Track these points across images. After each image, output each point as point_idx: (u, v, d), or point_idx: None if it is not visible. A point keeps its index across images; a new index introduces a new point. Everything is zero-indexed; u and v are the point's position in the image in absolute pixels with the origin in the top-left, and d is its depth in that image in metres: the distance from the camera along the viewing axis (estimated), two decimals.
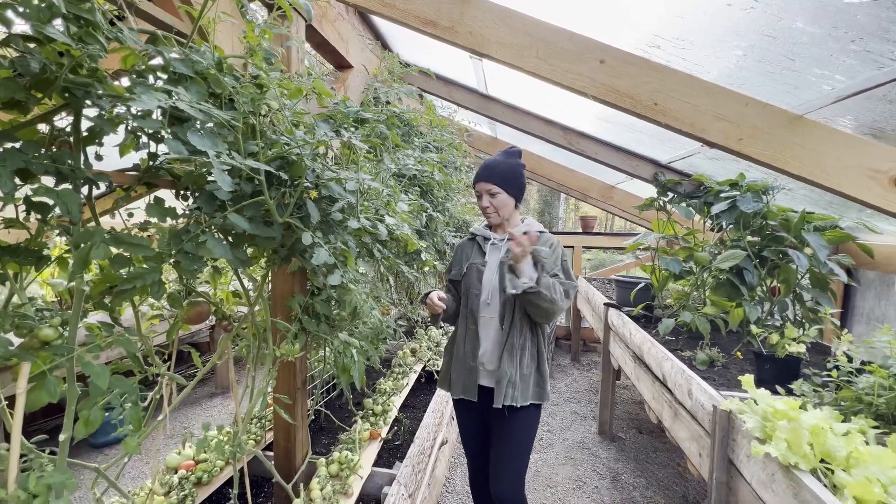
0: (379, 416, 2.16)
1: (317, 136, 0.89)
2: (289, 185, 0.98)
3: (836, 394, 1.34)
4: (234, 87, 0.85)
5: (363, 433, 1.95)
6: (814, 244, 1.87)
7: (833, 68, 1.17)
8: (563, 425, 3.38)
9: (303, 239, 0.91)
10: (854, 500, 0.92)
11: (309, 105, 1.38)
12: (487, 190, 1.67)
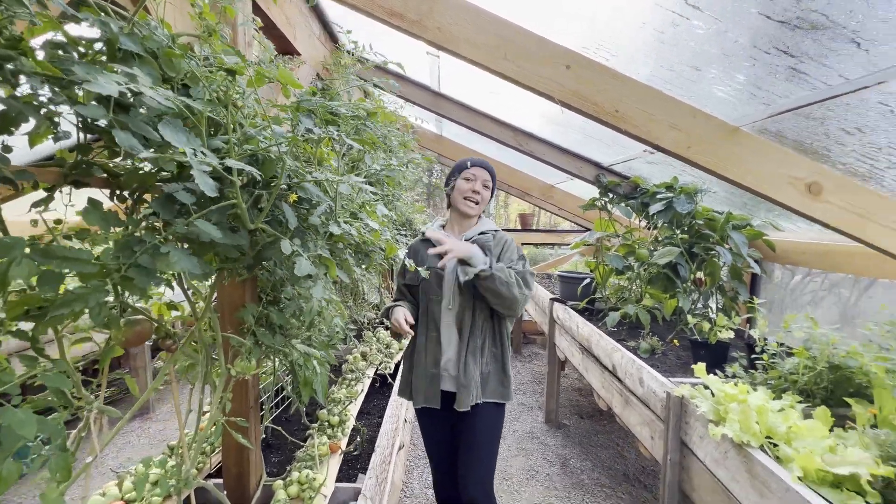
0: (336, 427, 2.05)
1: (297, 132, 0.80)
2: (261, 186, 0.87)
3: (766, 374, 1.52)
4: (197, 72, 0.72)
5: (322, 447, 1.83)
6: (737, 241, 2.11)
7: (768, 88, 1.32)
8: (511, 417, 3.49)
9: (282, 247, 0.80)
10: (801, 470, 1.04)
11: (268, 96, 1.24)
12: (485, 180, 1.68)
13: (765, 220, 2.35)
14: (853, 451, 1.06)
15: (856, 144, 1.32)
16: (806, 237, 2.28)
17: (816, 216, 1.51)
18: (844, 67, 1.06)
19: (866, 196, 1.49)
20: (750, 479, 1.16)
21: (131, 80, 0.57)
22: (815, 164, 1.48)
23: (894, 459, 1.02)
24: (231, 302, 1.39)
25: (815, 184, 1.49)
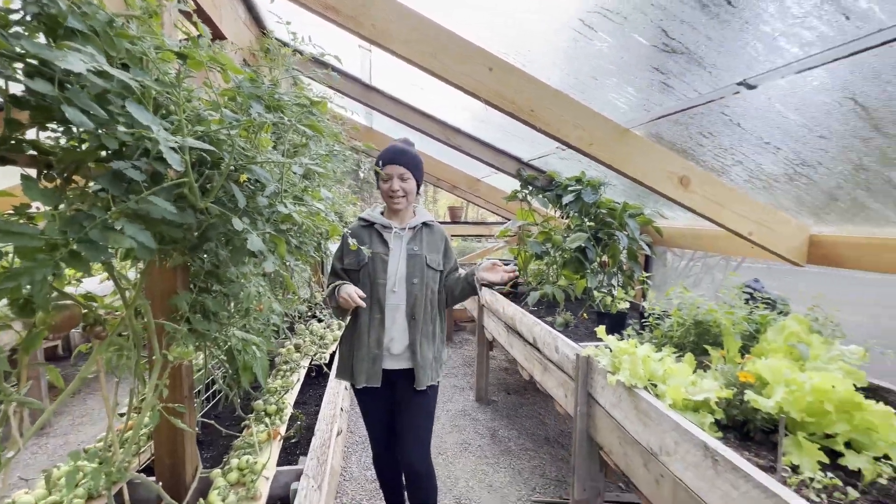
0: (274, 415, 2.05)
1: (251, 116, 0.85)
2: (209, 167, 0.91)
3: (651, 333, 1.85)
4: (147, 54, 0.76)
5: (261, 435, 1.84)
6: (632, 227, 2.48)
7: (648, 97, 1.61)
8: (445, 398, 3.68)
9: (234, 224, 0.86)
10: (671, 400, 1.32)
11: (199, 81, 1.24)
12: (400, 174, 1.69)
13: (654, 210, 2.78)
14: (707, 383, 1.37)
15: (710, 146, 1.67)
16: (684, 224, 2.74)
17: (686, 204, 1.87)
18: (697, 84, 1.36)
19: (721, 188, 1.87)
20: (637, 414, 1.43)
21: (92, 60, 0.60)
22: (684, 161, 1.83)
23: (733, 385, 1.35)
24: (162, 290, 1.36)
25: (685, 177, 1.83)
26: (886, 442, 1.13)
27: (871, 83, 1.08)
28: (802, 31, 0.99)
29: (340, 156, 3.10)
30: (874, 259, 1.70)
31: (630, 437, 1.47)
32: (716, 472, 1.09)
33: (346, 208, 3.58)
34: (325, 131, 1.32)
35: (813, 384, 1.19)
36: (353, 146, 3.72)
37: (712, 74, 1.29)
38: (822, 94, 1.17)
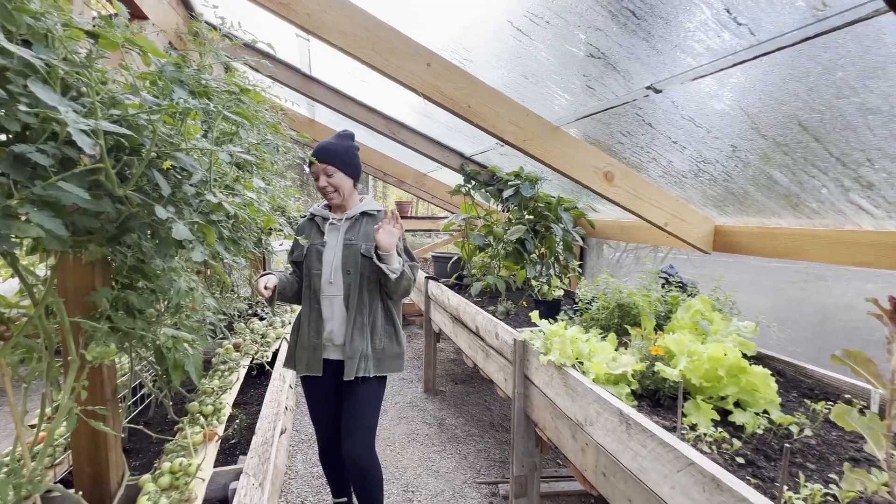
0: (211, 416, 1.97)
1: (174, 101, 0.82)
2: (127, 153, 0.87)
3: (581, 317, 2.01)
4: (54, 31, 0.72)
5: (196, 436, 1.77)
6: (566, 220, 2.64)
7: (574, 97, 1.73)
8: (393, 391, 3.71)
9: (157, 213, 0.83)
10: (594, 374, 1.46)
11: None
12: (323, 169, 1.72)
13: (586, 204, 2.97)
14: (625, 359, 1.52)
15: (629, 144, 1.84)
16: (613, 217, 2.96)
17: (611, 197, 2.03)
18: (614, 87, 1.50)
19: (640, 183, 2.05)
20: (566, 390, 1.56)
21: None
22: (608, 158, 1.99)
23: (646, 359, 1.50)
24: (78, 286, 1.27)
25: (609, 172, 2.00)
26: (766, 399, 1.32)
27: (751, 91, 1.25)
28: (693, 43, 1.14)
29: (281, 147, 3.01)
30: (764, 246, 1.96)
31: (560, 412, 1.60)
32: (629, 434, 1.22)
33: (289, 202, 3.48)
34: (256, 119, 1.29)
35: (709, 354, 1.36)
36: (295, 138, 3.62)
37: (625, 79, 1.42)
38: (713, 100, 1.34)
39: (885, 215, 1.48)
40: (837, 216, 1.62)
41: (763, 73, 1.14)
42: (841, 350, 0.88)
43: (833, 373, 1.52)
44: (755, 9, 0.97)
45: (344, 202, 1.79)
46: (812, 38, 0.95)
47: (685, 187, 1.99)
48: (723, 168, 1.68)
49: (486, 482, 2.50)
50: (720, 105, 1.35)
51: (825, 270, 1.78)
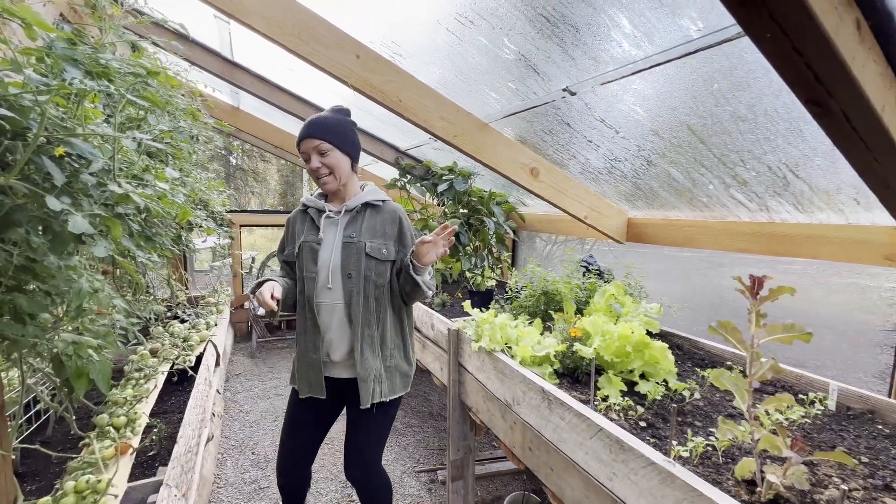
0: (124, 427, 1.81)
1: (65, 81, 0.75)
2: (9, 137, 0.78)
3: (511, 305, 2.12)
4: None
5: (106, 451, 1.62)
6: (498, 213, 2.76)
7: (501, 95, 1.82)
8: None
9: (49, 204, 0.76)
10: (521, 357, 1.56)
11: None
12: (315, 147, 1.39)
13: (517, 198, 3.12)
14: (548, 341, 1.64)
15: (552, 142, 1.97)
16: (541, 211, 3.14)
17: (536, 192, 2.16)
18: (535, 88, 1.60)
19: (562, 178, 2.21)
20: (496, 374, 1.65)
21: None
22: (533, 154, 2.11)
23: (567, 340, 1.64)
24: None
25: (535, 168, 2.12)
26: (665, 370, 1.51)
27: (649, 97, 1.41)
28: (600, 51, 1.26)
29: (200, 136, 2.80)
30: (666, 236, 2.20)
31: (491, 395, 1.69)
32: (550, 409, 1.33)
33: (212, 195, 3.26)
34: (168, 105, 1.21)
35: (618, 332, 1.52)
36: (218, 127, 3.38)
37: (545, 81, 1.53)
38: (619, 104, 1.49)
39: (758, 208, 1.73)
40: (723, 209, 1.87)
41: (658, 82, 1.30)
42: (716, 321, 1.04)
43: (721, 345, 1.76)
44: (649, 25, 1.10)
45: (341, 188, 1.49)
46: (693, 53, 1.10)
47: (601, 183, 2.17)
48: (631, 166, 1.87)
49: (425, 470, 2.56)
50: (625, 108, 1.50)
51: (723, 258, 2.04)
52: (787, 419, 1.25)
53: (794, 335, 0.94)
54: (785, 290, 0.92)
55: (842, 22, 0.77)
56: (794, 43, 0.79)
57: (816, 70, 0.83)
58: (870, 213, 1.45)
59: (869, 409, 1.30)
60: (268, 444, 2.82)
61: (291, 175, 17.90)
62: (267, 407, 3.33)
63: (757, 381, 1.00)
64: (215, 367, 3.16)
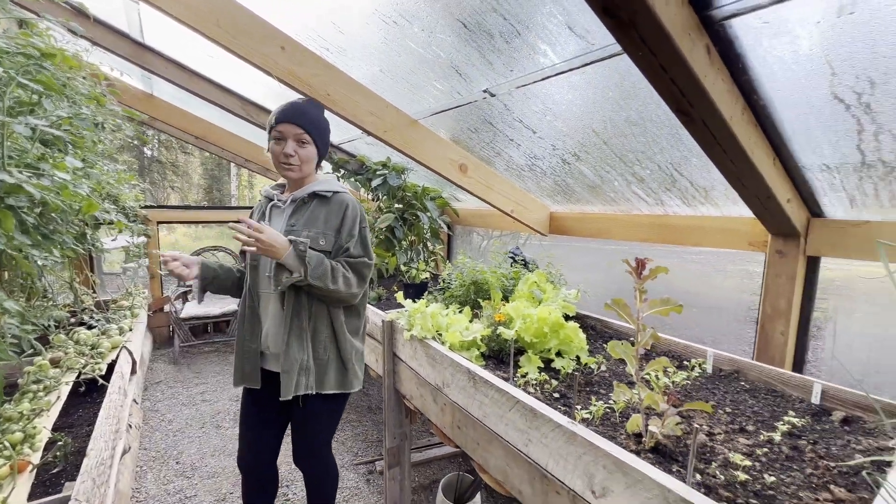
0: (21, 443, 1.64)
1: None
2: None
3: (443, 295, 2.21)
4: None
5: (0, 469, 1.47)
6: (431, 208, 2.84)
7: (428, 94, 1.89)
8: None
9: None
10: (450, 342, 1.65)
11: None
12: (297, 135, 1.39)
13: (450, 194, 3.22)
14: (476, 326, 1.75)
15: (478, 140, 2.08)
16: (473, 206, 3.27)
17: (466, 187, 2.27)
18: (459, 89, 1.69)
19: (490, 174, 2.33)
20: (428, 360, 1.72)
21: None
22: (462, 151, 2.22)
23: (492, 325, 1.76)
24: None
25: (464, 164, 2.22)
26: (578, 347, 1.68)
27: (557, 101, 1.56)
28: (511, 57, 1.37)
29: (108, 124, 2.57)
30: (583, 228, 2.42)
31: (423, 380, 1.76)
32: (475, 388, 1.43)
33: (122, 189, 3.00)
34: (66, 89, 1.13)
35: (537, 315, 1.67)
36: (129, 115, 3.10)
37: (467, 82, 1.63)
38: (533, 105, 1.63)
39: (654, 202, 1.97)
40: (627, 203, 2.10)
41: (564, 88, 1.44)
42: (611, 300, 1.19)
43: (628, 324, 1.99)
44: (551, 37, 1.23)
45: (301, 180, 1.51)
46: (589, 65, 1.25)
47: (525, 179, 2.33)
48: (549, 164, 2.04)
49: (364, 462, 2.59)
50: (539, 111, 1.64)
51: (643, 251, 2.27)
52: (673, 381, 1.46)
53: (669, 308, 1.12)
54: (660, 269, 1.09)
55: (695, 46, 0.93)
56: (660, 61, 0.94)
57: (679, 85, 1.00)
58: (738, 206, 1.72)
59: (736, 370, 1.56)
60: (194, 452, 2.68)
61: (217, 169, 16.61)
62: (192, 414, 3.14)
63: (643, 349, 1.17)
64: (131, 376, 2.92)
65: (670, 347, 1.73)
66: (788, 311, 1.61)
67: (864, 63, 0.95)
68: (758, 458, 1.06)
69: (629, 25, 0.87)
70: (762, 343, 1.68)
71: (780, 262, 1.62)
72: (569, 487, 1.09)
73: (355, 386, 1.59)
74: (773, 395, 1.40)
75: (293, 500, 2.29)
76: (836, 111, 1.08)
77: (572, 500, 1.08)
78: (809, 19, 0.89)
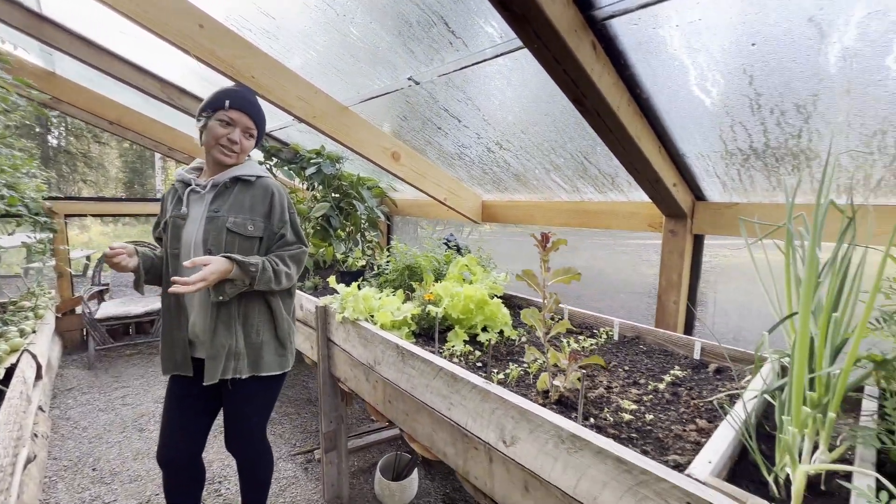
0: None
1: None
2: None
3: (378, 280, 2.26)
4: None
5: None
6: (368, 197, 2.86)
7: (356, 81, 1.92)
8: None
9: None
10: (381, 322, 1.71)
11: None
12: (247, 128, 1.43)
13: (388, 183, 3.26)
14: (407, 306, 1.82)
15: (408, 127, 2.15)
16: (411, 196, 3.33)
17: (399, 175, 2.32)
18: (386, 77, 1.75)
19: (423, 163, 2.41)
20: (360, 340, 1.77)
21: None
22: (394, 139, 2.27)
23: (422, 305, 1.84)
24: None
25: (396, 152, 2.28)
26: (502, 322, 1.80)
27: (477, 89, 1.67)
28: (428, 46, 1.45)
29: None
30: (512, 215, 2.57)
31: (357, 361, 1.81)
32: (404, 362, 1.51)
33: (20, 177, 2.71)
34: None
35: (465, 293, 1.77)
36: (26, 94, 2.80)
37: (394, 69, 1.68)
38: (456, 94, 1.73)
39: (571, 189, 2.16)
40: (548, 191, 2.27)
41: (481, 78, 1.55)
42: (521, 270, 1.31)
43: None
44: (464, 27, 1.32)
45: (223, 165, 1.48)
46: (500, 56, 1.36)
47: (456, 168, 2.43)
48: (476, 152, 2.15)
49: (302, 452, 2.58)
50: (462, 99, 1.74)
51: (565, 234, 2.42)
52: (582, 347, 1.63)
53: (570, 276, 1.26)
54: (560, 241, 1.23)
55: (581, 42, 1.06)
56: (553, 54, 1.06)
57: (572, 76, 1.13)
58: (639, 192, 1.93)
59: (637, 335, 1.76)
60: (113, 458, 2.51)
61: (139, 161, 15.25)
62: (111, 419, 2.92)
63: (549, 313, 1.30)
64: (36, 381, 2.67)
65: (584, 319, 1.92)
66: (679, 284, 1.85)
67: (716, 61, 1.13)
68: (644, 404, 1.23)
69: (523, 20, 0.97)
70: (660, 312, 1.91)
71: (673, 241, 1.85)
72: (484, 441, 1.19)
73: (290, 363, 1.64)
74: (665, 355, 1.60)
75: (226, 495, 2.23)
76: (701, 105, 1.28)
77: (487, 452, 1.19)
78: (671, 22, 1.05)
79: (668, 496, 0.80)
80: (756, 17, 0.97)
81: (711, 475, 0.81)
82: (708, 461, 0.85)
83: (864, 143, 1.18)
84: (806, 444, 0.85)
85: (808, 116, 1.18)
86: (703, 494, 0.76)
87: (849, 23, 0.88)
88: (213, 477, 2.35)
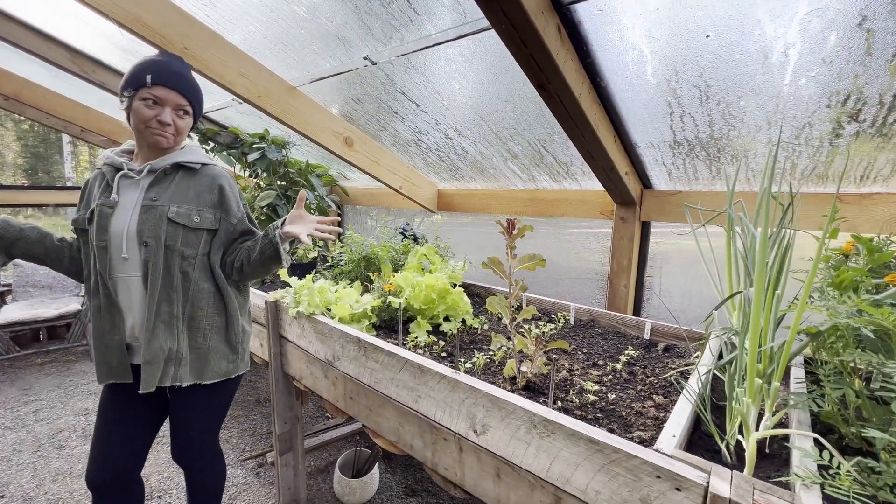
0: None
1: None
2: None
3: (332, 271, 2.16)
4: None
5: None
6: (317, 185, 2.72)
7: (306, 59, 1.79)
8: None
9: None
10: (339, 315, 1.62)
11: None
12: (179, 105, 1.27)
13: (338, 171, 3.12)
14: (366, 298, 1.75)
15: (362, 111, 2.05)
16: (363, 184, 3.22)
17: (352, 161, 2.22)
18: (340, 55, 1.64)
19: (376, 148, 2.32)
20: (317, 335, 1.68)
21: None
22: (347, 124, 2.16)
23: (381, 296, 1.78)
24: None
25: (349, 138, 2.17)
26: (464, 311, 1.79)
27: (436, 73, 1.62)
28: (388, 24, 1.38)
29: None
30: (469, 204, 2.56)
31: (314, 358, 1.71)
32: (366, 357, 1.45)
33: None
34: None
35: (426, 283, 1.73)
36: None
37: (347, 47, 1.58)
38: (415, 77, 1.66)
39: (527, 178, 2.18)
40: (505, 179, 2.28)
41: (441, 60, 1.50)
42: (487, 258, 1.30)
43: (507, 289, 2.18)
44: (425, 6, 1.27)
45: (162, 149, 1.33)
46: (463, 37, 1.33)
47: (411, 155, 2.37)
48: (433, 139, 2.10)
49: (252, 456, 2.43)
50: (420, 82, 1.68)
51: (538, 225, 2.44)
52: (543, 332, 1.66)
53: (535, 262, 1.26)
54: (526, 228, 1.23)
55: (548, 24, 1.05)
56: (521, 35, 1.04)
57: (538, 60, 1.12)
58: (593, 181, 2.00)
59: (592, 319, 1.83)
60: (26, 481, 2.21)
61: (43, 145, 13.63)
62: (22, 437, 2.57)
63: (515, 301, 1.30)
64: None
65: (542, 305, 1.96)
66: (629, 268, 1.94)
67: (671, 53, 1.18)
68: (605, 384, 1.28)
69: (494, 0, 0.94)
70: (611, 296, 2.00)
71: (623, 227, 1.94)
72: (455, 432, 1.18)
73: (242, 369, 1.49)
74: (618, 336, 1.68)
75: None
76: (653, 95, 1.33)
77: (458, 442, 1.17)
78: (633, 10, 1.07)
79: (639, 472, 0.83)
80: (712, 9, 1.01)
81: (676, 448, 0.86)
82: (672, 435, 0.89)
83: (794, 136, 1.29)
84: (753, 412, 0.92)
85: (745, 109, 1.26)
86: (671, 467, 0.79)
87: (793, 19, 0.94)
88: (150, 492, 2.14)
